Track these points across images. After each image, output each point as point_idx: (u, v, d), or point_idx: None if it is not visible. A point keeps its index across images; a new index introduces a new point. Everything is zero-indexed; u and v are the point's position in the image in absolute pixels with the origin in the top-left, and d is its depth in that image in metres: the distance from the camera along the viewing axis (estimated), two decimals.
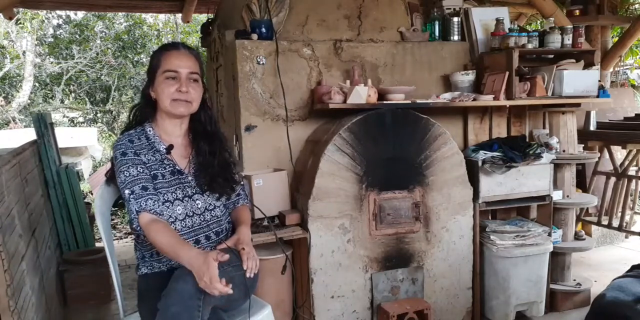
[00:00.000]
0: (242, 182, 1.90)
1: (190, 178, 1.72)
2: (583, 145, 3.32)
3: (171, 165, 1.70)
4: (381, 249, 2.48)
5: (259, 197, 2.31)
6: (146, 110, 1.74)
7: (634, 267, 1.93)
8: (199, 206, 1.72)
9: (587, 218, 3.77)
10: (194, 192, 1.71)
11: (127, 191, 1.58)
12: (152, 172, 1.65)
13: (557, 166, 2.87)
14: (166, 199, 1.66)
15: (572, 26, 2.82)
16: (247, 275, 1.59)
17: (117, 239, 5.16)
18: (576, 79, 2.74)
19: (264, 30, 2.46)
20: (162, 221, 1.60)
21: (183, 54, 1.68)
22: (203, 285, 1.42)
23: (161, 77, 1.66)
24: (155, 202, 1.60)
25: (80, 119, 9.67)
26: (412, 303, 2.44)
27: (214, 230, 1.75)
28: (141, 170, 1.62)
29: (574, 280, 3.00)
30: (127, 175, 1.60)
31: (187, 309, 1.44)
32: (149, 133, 1.71)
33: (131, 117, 1.77)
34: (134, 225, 1.59)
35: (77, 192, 3.39)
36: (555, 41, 2.74)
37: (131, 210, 1.58)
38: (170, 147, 1.70)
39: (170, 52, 1.67)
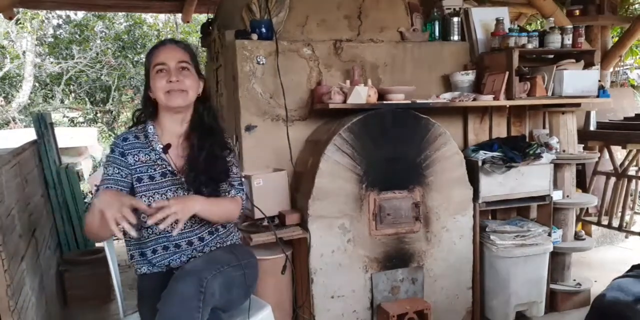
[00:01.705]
0: (241, 179, 1.80)
1: (183, 179, 1.69)
2: (583, 145, 3.32)
3: (165, 165, 1.68)
4: (381, 249, 2.48)
5: (259, 197, 2.31)
6: (148, 110, 1.74)
7: (634, 267, 1.93)
8: None
9: (587, 218, 3.77)
10: (185, 194, 1.67)
11: (95, 188, 1.63)
12: (137, 175, 1.65)
13: (557, 166, 2.87)
14: (156, 200, 1.65)
15: (572, 26, 2.82)
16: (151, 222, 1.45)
17: (117, 239, 5.16)
18: (576, 79, 2.74)
19: (264, 30, 2.46)
20: None
21: (169, 47, 1.69)
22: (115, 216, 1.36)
23: (153, 72, 1.66)
24: None
25: (80, 119, 9.65)
26: (412, 303, 2.44)
27: (207, 230, 1.74)
28: (117, 171, 1.64)
29: (574, 280, 3.00)
30: (104, 172, 1.65)
31: (187, 309, 1.44)
32: (148, 131, 1.70)
33: (134, 120, 1.77)
34: None
35: (77, 192, 3.38)
36: (555, 41, 2.74)
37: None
38: (167, 146, 1.68)
39: (158, 48, 1.70)
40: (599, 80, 2.86)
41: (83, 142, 6.52)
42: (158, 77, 1.65)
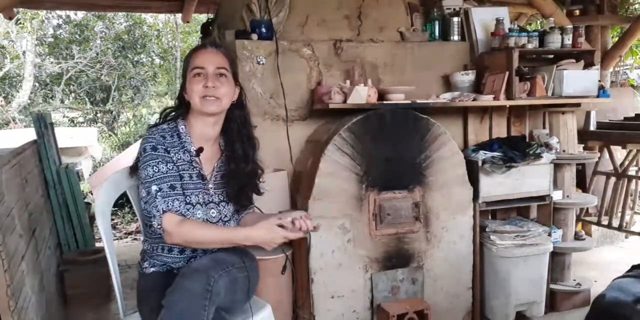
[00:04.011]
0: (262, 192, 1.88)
1: (210, 186, 1.71)
2: (583, 145, 3.33)
3: (197, 168, 1.69)
4: (381, 249, 2.48)
5: (258, 197, 2.29)
6: (179, 110, 1.74)
7: (634, 267, 1.93)
8: (213, 215, 1.71)
9: (587, 218, 3.77)
10: (210, 200, 1.70)
11: (154, 188, 1.57)
12: (180, 172, 1.64)
13: (557, 166, 2.87)
14: (188, 201, 1.65)
15: (572, 26, 2.81)
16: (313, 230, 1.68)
17: (117, 239, 5.16)
18: (576, 79, 2.74)
19: (264, 30, 2.46)
20: (190, 219, 1.60)
21: (210, 51, 1.69)
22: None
23: (190, 75, 1.67)
24: (181, 204, 1.60)
25: (80, 119, 9.65)
26: (412, 303, 2.44)
27: None
28: (170, 168, 1.61)
29: (574, 280, 3.00)
30: (156, 170, 1.59)
31: (193, 306, 1.44)
32: (181, 131, 1.69)
33: (161, 117, 1.75)
34: (156, 224, 1.57)
35: (77, 192, 3.38)
36: (555, 41, 2.74)
37: (157, 208, 1.56)
38: (200, 150, 1.69)
39: (198, 51, 1.70)
40: (599, 80, 2.86)
41: (83, 142, 6.51)
42: (195, 81, 1.65)
